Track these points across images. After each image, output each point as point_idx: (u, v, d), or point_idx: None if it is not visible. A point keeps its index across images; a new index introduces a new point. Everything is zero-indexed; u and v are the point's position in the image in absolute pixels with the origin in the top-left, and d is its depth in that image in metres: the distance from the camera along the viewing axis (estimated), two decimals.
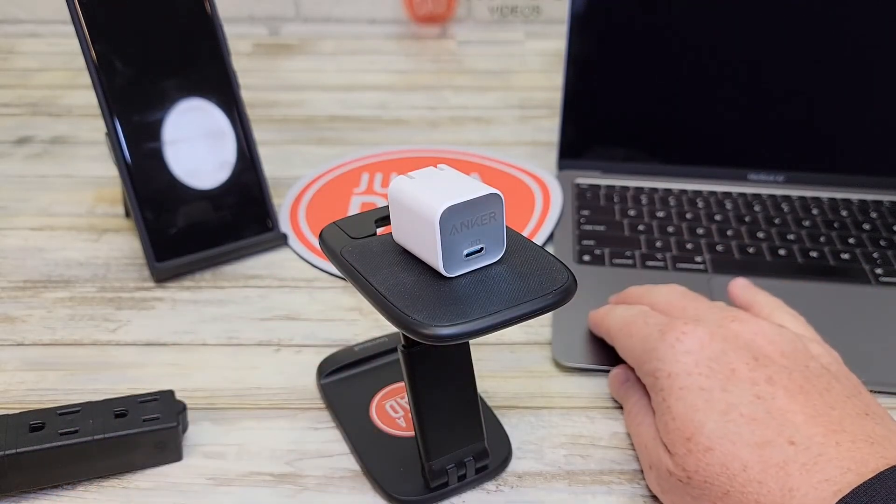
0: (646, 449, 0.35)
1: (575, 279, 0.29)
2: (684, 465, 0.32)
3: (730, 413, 0.32)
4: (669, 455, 0.33)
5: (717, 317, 0.36)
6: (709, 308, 0.38)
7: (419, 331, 0.26)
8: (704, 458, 0.31)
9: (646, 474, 0.35)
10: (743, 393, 0.32)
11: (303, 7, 0.97)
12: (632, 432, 0.37)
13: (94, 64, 0.47)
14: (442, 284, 0.28)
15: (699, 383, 0.33)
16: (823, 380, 0.33)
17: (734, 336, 0.35)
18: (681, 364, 0.34)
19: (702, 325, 0.35)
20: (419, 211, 0.28)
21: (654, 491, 0.35)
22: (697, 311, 0.37)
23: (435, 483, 0.34)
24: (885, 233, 0.53)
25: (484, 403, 0.40)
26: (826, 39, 0.55)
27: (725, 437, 0.31)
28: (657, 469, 0.34)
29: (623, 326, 0.39)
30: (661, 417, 0.34)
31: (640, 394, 0.38)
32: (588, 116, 0.60)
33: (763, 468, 0.30)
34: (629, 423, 0.38)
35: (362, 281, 0.29)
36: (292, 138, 0.69)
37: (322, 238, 0.32)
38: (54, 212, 0.58)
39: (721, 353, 0.34)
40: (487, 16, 0.98)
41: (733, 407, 0.32)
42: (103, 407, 0.36)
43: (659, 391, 0.34)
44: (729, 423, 0.31)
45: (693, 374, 0.33)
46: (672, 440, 0.33)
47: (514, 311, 0.27)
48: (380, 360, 0.42)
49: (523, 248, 0.30)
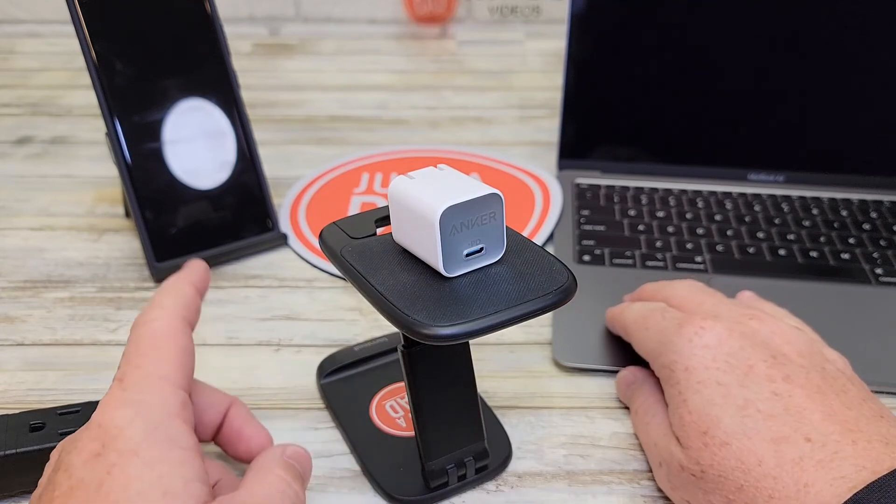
0: (655, 446, 0.35)
1: (575, 279, 0.29)
2: (699, 458, 0.32)
3: (747, 409, 0.31)
4: (682, 449, 0.33)
5: (735, 313, 0.36)
6: (727, 304, 0.37)
7: (419, 331, 0.26)
8: (720, 452, 0.31)
9: (655, 472, 0.35)
10: (760, 389, 0.32)
11: (303, 7, 0.97)
12: (640, 431, 0.37)
13: (94, 64, 0.47)
14: (442, 284, 0.28)
15: (717, 378, 0.33)
16: (839, 382, 0.33)
17: (752, 333, 0.34)
18: (698, 358, 0.34)
19: (720, 321, 0.35)
20: (419, 211, 0.28)
21: (664, 488, 0.35)
22: (715, 307, 0.37)
23: (435, 483, 0.34)
24: (885, 233, 0.53)
25: (484, 403, 0.40)
26: (826, 39, 0.55)
27: (742, 432, 0.31)
28: (668, 465, 0.34)
29: (639, 320, 0.39)
30: (676, 411, 0.34)
31: (650, 391, 0.38)
32: (588, 116, 0.60)
33: (778, 463, 0.30)
34: (637, 423, 0.38)
35: (362, 281, 0.29)
36: (292, 138, 0.69)
37: (322, 238, 0.32)
38: (54, 212, 0.58)
39: (739, 350, 0.34)
40: (487, 16, 0.98)
41: (751, 403, 0.32)
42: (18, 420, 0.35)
43: (675, 384, 0.34)
44: (746, 419, 0.31)
45: (711, 369, 0.33)
46: (687, 434, 0.33)
47: (514, 311, 0.27)
48: (380, 360, 0.42)
49: (523, 248, 0.30)
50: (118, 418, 0.27)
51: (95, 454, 0.26)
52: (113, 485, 0.25)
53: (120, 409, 0.27)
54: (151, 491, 0.25)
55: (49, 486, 0.26)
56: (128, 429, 0.27)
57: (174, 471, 0.26)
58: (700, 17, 0.56)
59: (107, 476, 0.25)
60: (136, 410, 0.27)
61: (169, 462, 0.26)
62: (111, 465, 0.26)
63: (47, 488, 0.26)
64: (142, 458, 0.26)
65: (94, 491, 0.25)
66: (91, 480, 0.25)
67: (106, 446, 0.26)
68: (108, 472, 0.25)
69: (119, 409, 0.27)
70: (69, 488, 0.25)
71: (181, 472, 0.26)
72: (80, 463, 0.26)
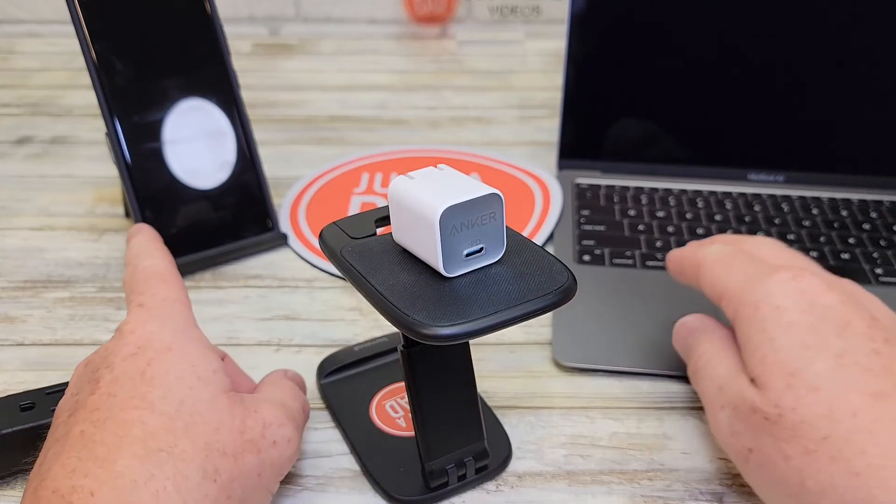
0: (720, 390, 0.33)
1: (575, 279, 0.29)
2: (778, 400, 0.29)
3: (844, 358, 0.29)
4: (758, 390, 0.31)
5: (828, 276, 0.34)
6: (818, 266, 0.35)
7: (419, 331, 0.26)
8: (807, 396, 0.29)
9: (712, 419, 0.33)
10: (860, 344, 0.30)
11: (303, 7, 0.97)
12: (701, 377, 0.35)
13: (94, 64, 0.47)
14: (442, 284, 0.28)
15: (811, 323, 0.31)
16: None
17: (850, 294, 0.32)
18: (792, 299, 0.31)
19: (817, 276, 0.33)
20: (419, 211, 0.28)
21: (721, 436, 0.33)
22: (806, 264, 0.35)
23: (435, 483, 0.34)
24: (885, 233, 0.53)
25: (484, 403, 0.40)
26: (826, 39, 0.55)
27: (836, 380, 0.29)
28: (735, 407, 0.31)
29: (722, 259, 0.36)
30: (758, 348, 0.31)
31: (720, 336, 0.35)
32: (588, 116, 0.60)
33: (876, 419, 0.28)
34: (698, 371, 0.35)
35: (362, 281, 0.29)
36: (292, 138, 0.69)
37: (322, 238, 0.32)
38: (54, 212, 0.58)
39: (838, 304, 0.31)
40: (487, 16, 0.98)
41: (848, 353, 0.29)
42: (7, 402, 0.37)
43: (758, 322, 0.32)
44: (842, 368, 0.29)
45: (805, 313, 0.31)
46: (768, 372, 0.30)
47: (514, 311, 0.27)
48: (380, 360, 0.42)
49: (523, 248, 0.30)
50: (148, 327, 0.31)
51: (132, 354, 0.30)
52: (154, 372, 0.29)
53: (148, 323, 0.31)
54: (188, 376, 0.30)
55: (88, 383, 0.30)
56: (158, 332, 0.31)
57: (203, 362, 0.31)
58: (700, 18, 0.56)
59: (147, 367, 0.30)
60: (162, 322, 0.32)
61: (198, 355, 0.31)
62: (150, 359, 0.30)
63: (86, 386, 0.30)
64: (175, 351, 0.30)
65: (138, 378, 0.29)
66: (133, 371, 0.29)
67: (141, 347, 0.30)
68: (148, 363, 0.30)
69: (147, 323, 0.31)
70: (113, 379, 0.29)
71: (208, 364, 0.31)
72: (120, 360, 0.30)
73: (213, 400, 0.30)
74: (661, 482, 0.36)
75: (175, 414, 0.28)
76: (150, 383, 0.29)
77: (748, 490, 0.36)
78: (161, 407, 0.28)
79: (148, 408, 0.28)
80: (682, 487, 0.36)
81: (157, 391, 0.29)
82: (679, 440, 0.39)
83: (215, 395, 0.30)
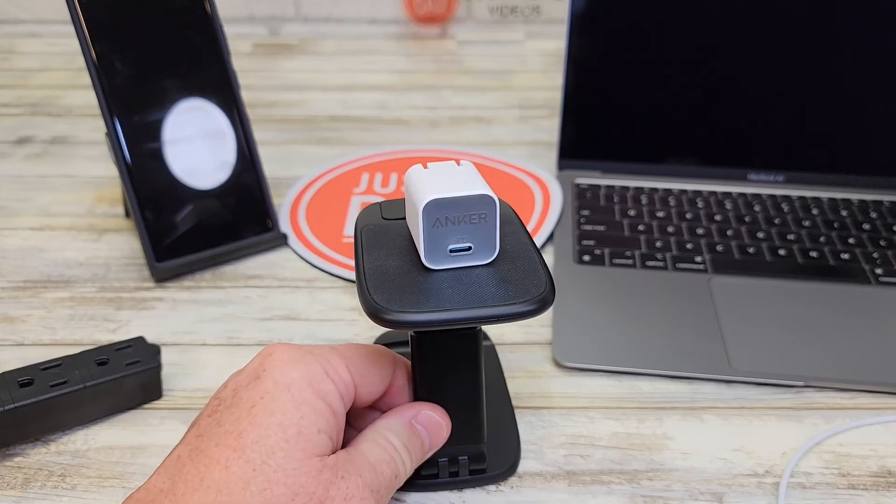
0: None
1: (553, 295, 0.29)
2: None
3: None
4: None
5: None
6: None
7: (367, 308, 0.28)
8: None
9: None
10: None
11: (303, 7, 0.97)
12: None
13: (94, 64, 0.47)
14: (421, 275, 0.29)
15: None
16: None
17: None
18: None
19: None
20: (414, 200, 0.29)
21: None
22: None
23: (424, 472, 0.34)
24: (885, 233, 0.53)
25: (509, 406, 0.40)
26: (826, 40, 0.55)
27: None
28: None
29: None
30: None
31: None
32: (588, 116, 0.60)
33: None
34: None
35: (358, 257, 0.30)
36: (292, 138, 0.69)
37: (361, 212, 0.34)
38: (54, 212, 0.58)
39: None
40: (487, 16, 0.98)
41: None
42: (83, 358, 0.39)
43: None
44: None
45: None
46: None
47: (466, 312, 0.27)
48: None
49: (521, 256, 0.30)
50: (283, 357, 0.30)
51: (256, 377, 0.30)
52: (262, 410, 0.28)
53: (286, 352, 0.30)
54: (290, 426, 0.28)
55: (215, 399, 0.30)
56: (287, 367, 0.30)
57: (313, 418, 0.29)
58: (700, 18, 0.56)
59: (259, 400, 0.29)
60: (298, 365, 0.30)
61: (312, 408, 0.29)
62: (265, 392, 0.29)
63: (213, 402, 0.30)
64: (291, 394, 0.29)
65: (246, 411, 0.29)
66: (247, 401, 0.29)
67: (266, 371, 0.30)
68: (262, 397, 0.29)
69: (285, 352, 0.30)
70: (230, 405, 0.29)
71: (317, 422, 0.29)
72: (244, 385, 0.30)
73: (304, 461, 0.28)
74: (661, 482, 0.36)
75: (260, 466, 0.27)
76: (252, 420, 0.28)
77: (748, 490, 0.36)
78: (250, 453, 0.27)
79: (238, 449, 0.28)
80: (682, 487, 0.36)
81: (254, 433, 0.28)
82: (679, 440, 0.39)
83: (308, 456, 0.28)
